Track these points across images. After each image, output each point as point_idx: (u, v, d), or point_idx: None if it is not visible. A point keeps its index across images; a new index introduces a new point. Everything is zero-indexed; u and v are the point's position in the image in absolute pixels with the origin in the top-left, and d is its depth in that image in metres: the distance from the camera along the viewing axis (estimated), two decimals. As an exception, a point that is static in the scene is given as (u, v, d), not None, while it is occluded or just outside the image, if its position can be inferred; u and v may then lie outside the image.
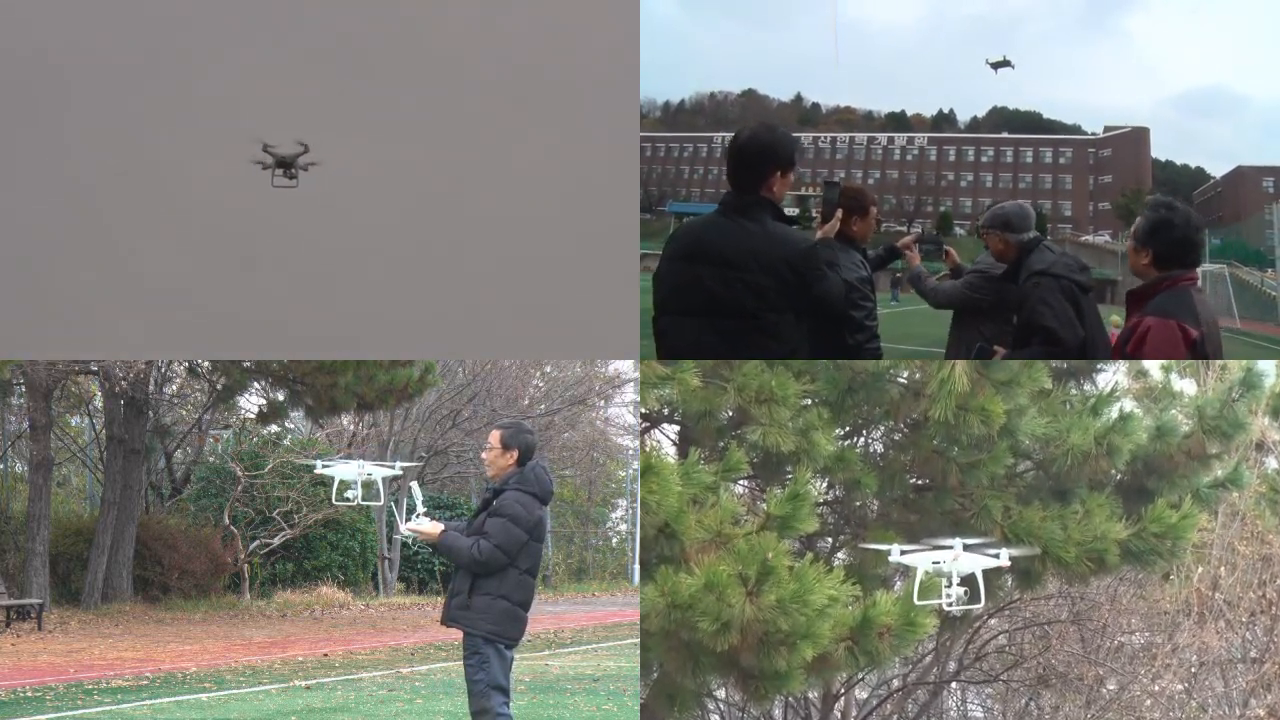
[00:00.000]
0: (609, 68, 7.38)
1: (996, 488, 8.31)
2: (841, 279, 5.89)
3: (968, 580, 7.16)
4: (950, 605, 7.20)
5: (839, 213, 6.02)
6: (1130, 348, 5.37)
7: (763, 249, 5.34)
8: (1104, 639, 13.00)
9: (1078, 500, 8.48)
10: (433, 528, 6.67)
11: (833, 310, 5.77)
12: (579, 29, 7.37)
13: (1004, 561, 7.26)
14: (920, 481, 8.55)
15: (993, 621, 13.11)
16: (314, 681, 13.93)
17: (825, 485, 8.60)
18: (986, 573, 7.25)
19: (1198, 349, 5.25)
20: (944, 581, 7.19)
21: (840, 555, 9.11)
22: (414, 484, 7.01)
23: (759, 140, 5.52)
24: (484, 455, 6.81)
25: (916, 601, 7.32)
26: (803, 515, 7.38)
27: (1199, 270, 5.74)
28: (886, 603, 7.44)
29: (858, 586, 7.42)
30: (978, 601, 7.22)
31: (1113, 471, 8.67)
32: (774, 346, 5.49)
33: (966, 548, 7.16)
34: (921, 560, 7.20)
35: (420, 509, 6.82)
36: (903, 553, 7.29)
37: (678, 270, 5.50)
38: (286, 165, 8.04)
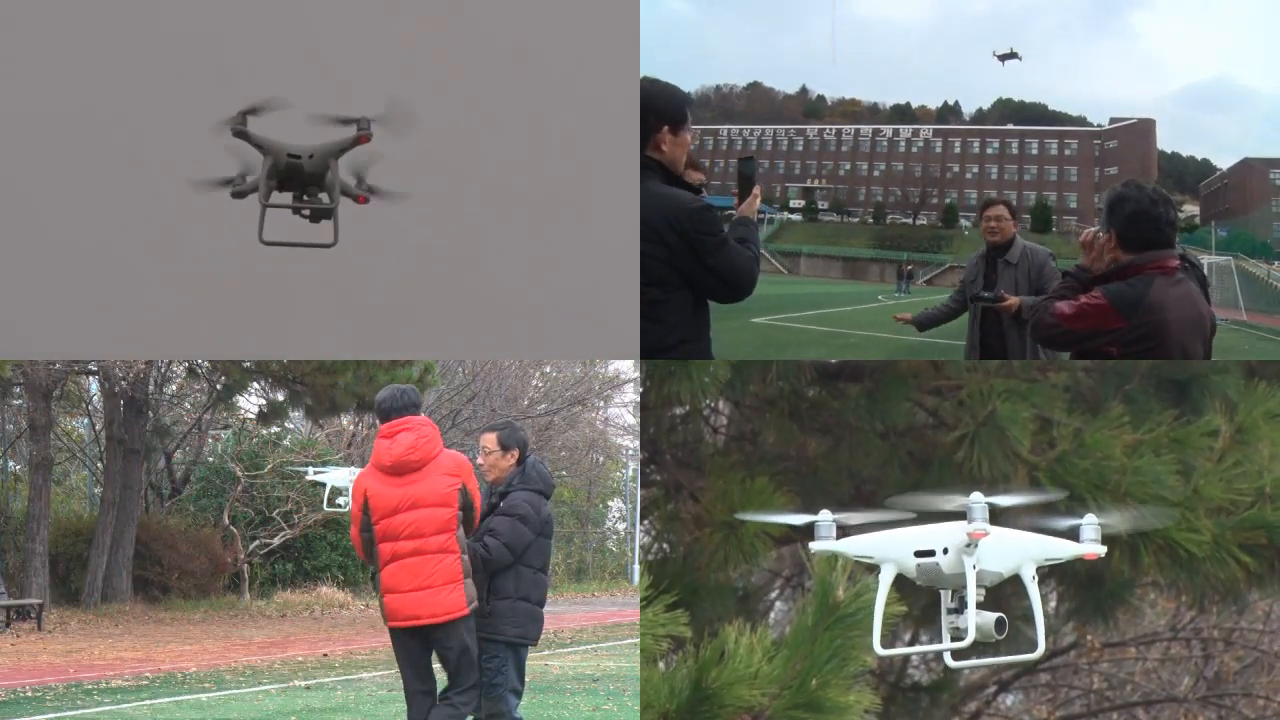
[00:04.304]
0: (611, 66, 7.38)
1: (1020, 375, 4.40)
2: (754, 256, 4.71)
3: (996, 593, 3.54)
4: (961, 653, 3.53)
5: (757, 189, 5.13)
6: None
7: (643, 214, 4.49)
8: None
9: (1214, 405, 4.36)
10: None
11: (735, 285, 4.55)
12: (580, 26, 7.36)
13: (1090, 547, 3.51)
14: (829, 360, 4.77)
15: (1009, 701, 6.91)
16: (314, 682, 13.91)
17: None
18: (1044, 574, 3.53)
19: (1121, 340, 4.53)
20: (946, 600, 3.53)
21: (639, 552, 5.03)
22: None
23: (641, 94, 4.80)
24: (481, 461, 6.72)
25: (880, 650, 3.54)
26: None
27: (1203, 260, 5.31)
28: (752, 655, 3.69)
29: (681, 615, 3.83)
30: (1029, 646, 3.55)
31: None
32: (652, 330, 4.38)
33: (996, 514, 3.48)
34: (889, 545, 3.55)
35: None
36: (840, 530, 3.57)
37: None
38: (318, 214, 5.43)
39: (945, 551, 3.50)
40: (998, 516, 3.50)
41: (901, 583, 3.59)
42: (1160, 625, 6.56)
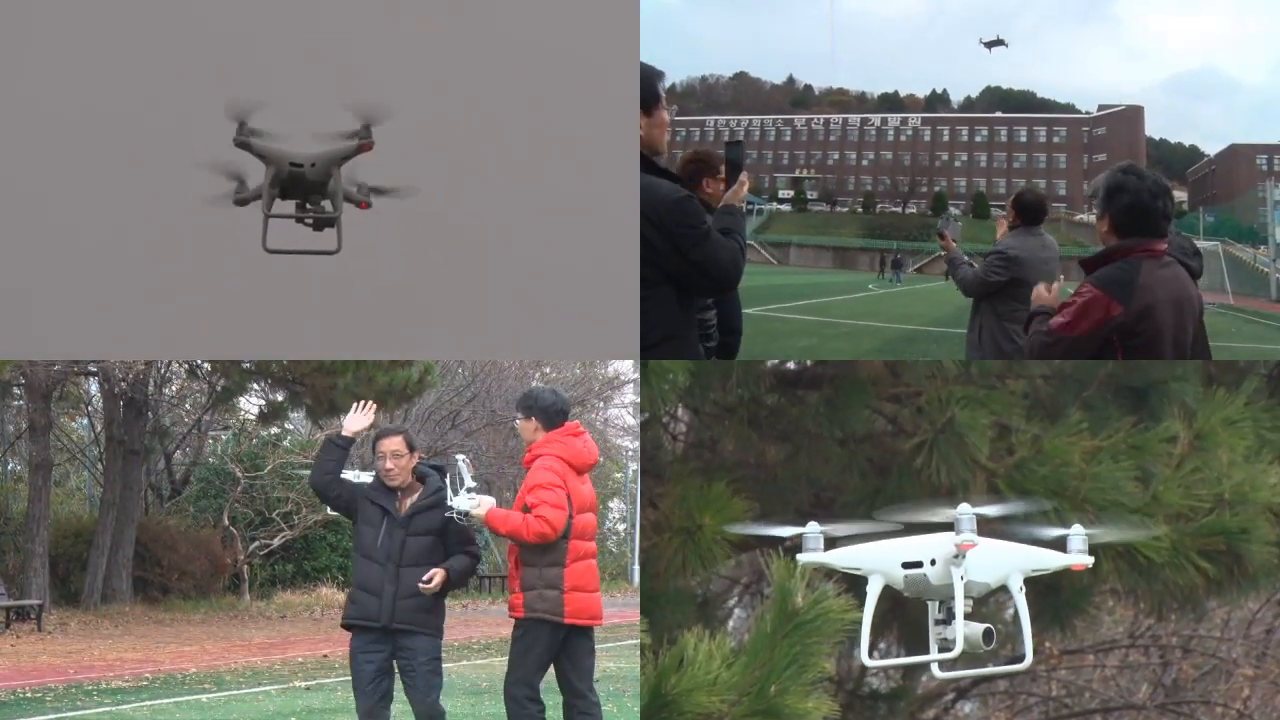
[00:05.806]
0: (609, 62, 7.37)
1: (979, 381, 4.23)
2: (740, 247, 4.43)
3: (985, 605, 3.58)
4: (950, 663, 3.54)
5: (744, 176, 4.83)
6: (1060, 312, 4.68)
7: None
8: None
9: (1172, 411, 4.32)
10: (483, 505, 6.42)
11: (720, 280, 4.31)
12: (578, 23, 7.36)
13: (1077, 557, 3.51)
14: (788, 365, 4.60)
15: (967, 708, 6.75)
16: (314, 682, 13.90)
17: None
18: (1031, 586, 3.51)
19: (1121, 327, 4.47)
20: (932, 610, 3.53)
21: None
22: (460, 457, 6.74)
23: None
24: (390, 465, 6.43)
25: (867, 660, 3.55)
26: None
27: (1195, 244, 5.39)
28: (711, 662, 3.59)
29: (640, 621, 3.85)
30: (1020, 656, 3.56)
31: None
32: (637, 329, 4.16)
33: (984, 524, 3.49)
34: (877, 556, 3.53)
35: (469, 481, 6.61)
36: (829, 541, 3.54)
37: None
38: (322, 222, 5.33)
39: (933, 563, 3.50)
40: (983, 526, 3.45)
41: (857, 589, 3.54)
42: (1118, 632, 6.47)
